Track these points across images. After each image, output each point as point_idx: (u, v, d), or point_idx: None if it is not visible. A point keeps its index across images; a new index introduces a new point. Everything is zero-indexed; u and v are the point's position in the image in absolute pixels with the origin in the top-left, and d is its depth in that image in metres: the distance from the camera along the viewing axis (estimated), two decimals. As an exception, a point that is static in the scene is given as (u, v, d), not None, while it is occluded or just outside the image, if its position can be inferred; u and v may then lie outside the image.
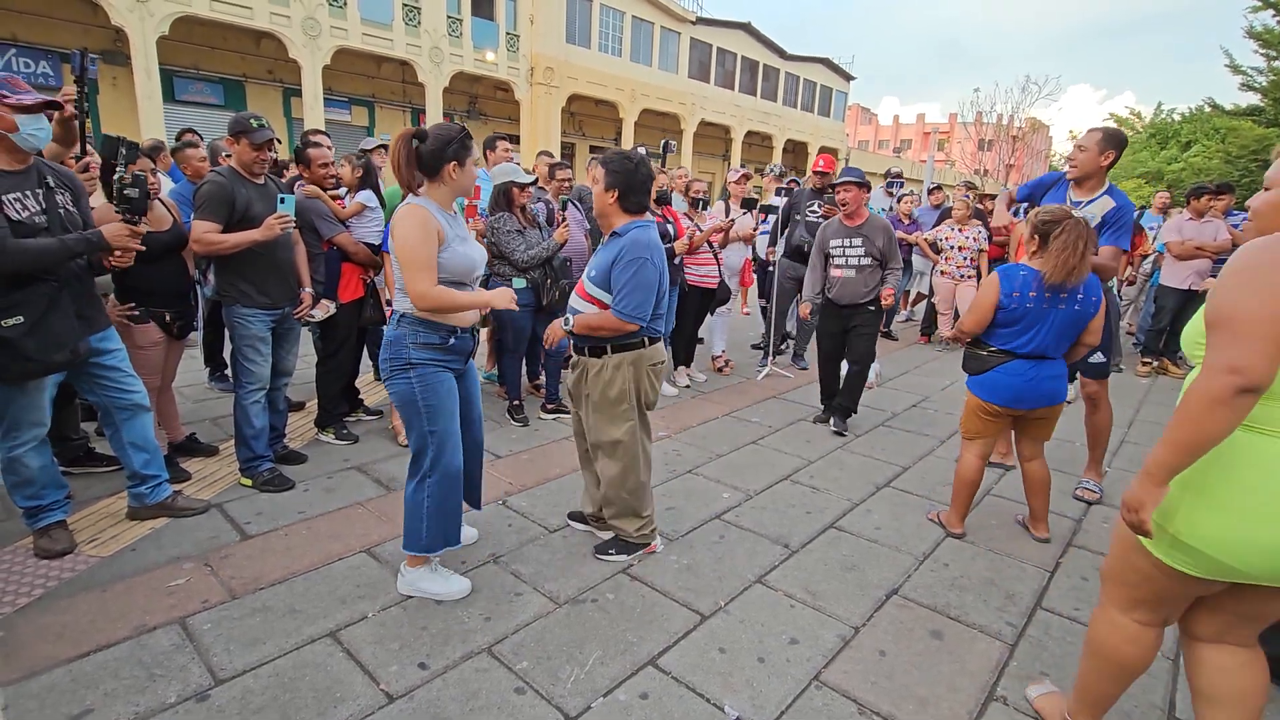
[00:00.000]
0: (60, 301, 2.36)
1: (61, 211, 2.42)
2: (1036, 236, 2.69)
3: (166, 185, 4.33)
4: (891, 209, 7.77)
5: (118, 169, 2.71)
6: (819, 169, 5.80)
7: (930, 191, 7.53)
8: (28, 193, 2.32)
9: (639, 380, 2.62)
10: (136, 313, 3.07)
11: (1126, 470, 3.97)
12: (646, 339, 2.60)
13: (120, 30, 13.62)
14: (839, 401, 4.49)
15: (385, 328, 2.41)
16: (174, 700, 1.86)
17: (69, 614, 2.21)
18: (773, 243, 5.82)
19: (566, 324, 2.61)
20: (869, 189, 4.42)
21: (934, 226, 7.26)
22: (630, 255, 2.46)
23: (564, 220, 4.26)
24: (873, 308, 4.31)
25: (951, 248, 6.74)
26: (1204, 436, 1.33)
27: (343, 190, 3.90)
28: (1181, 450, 1.36)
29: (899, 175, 8.28)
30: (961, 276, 6.80)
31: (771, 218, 5.89)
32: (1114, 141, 3.12)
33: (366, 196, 3.87)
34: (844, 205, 4.25)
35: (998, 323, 2.78)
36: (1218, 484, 1.39)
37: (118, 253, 2.62)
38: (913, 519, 3.21)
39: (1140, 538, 1.49)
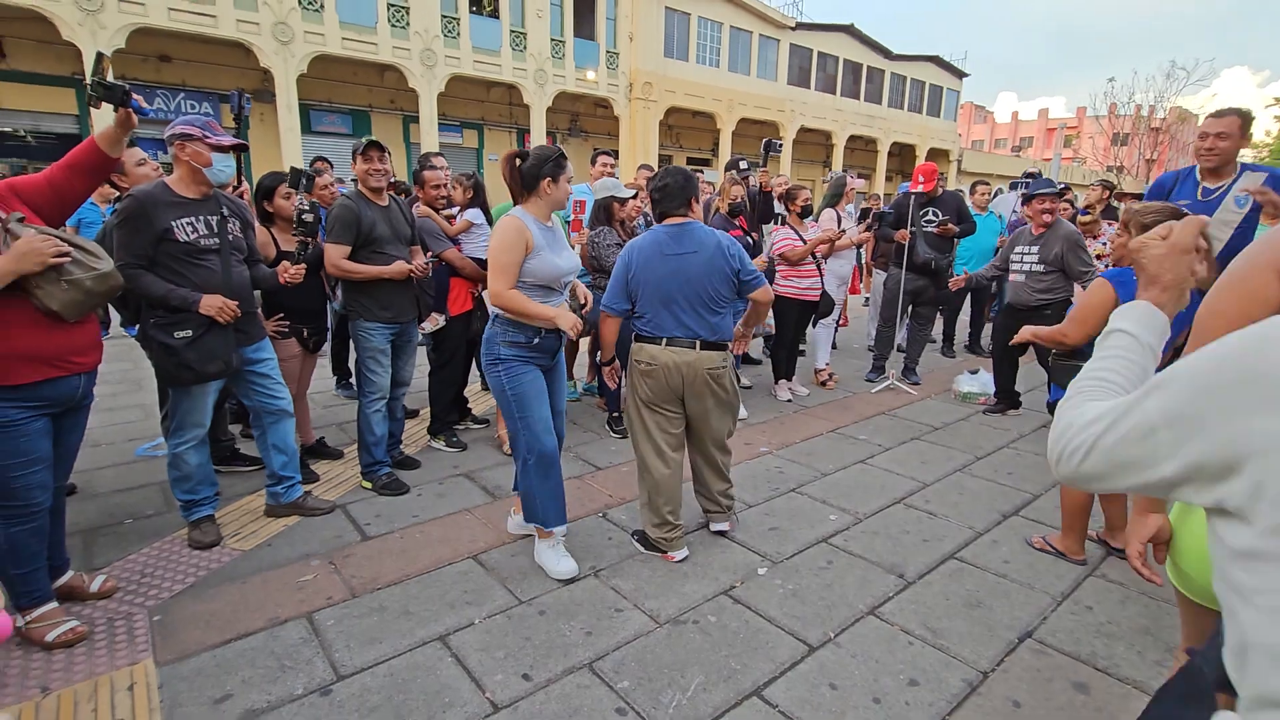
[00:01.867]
0: (220, 320, 2.64)
1: (230, 237, 2.74)
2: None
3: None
4: (1015, 211, 7.19)
5: (298, 196, 3.18)
6: (918, 187, 5.39)
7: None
8: (200, 218, 2.63)
9: (631, 376, 2.78)
10: (286, 327, 3.38)
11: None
12: (634, 335, 2.75)
13: (267, 71, 15.22)
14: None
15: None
16: (301, 692, 1.98)
17: (214, 602, 2.42)
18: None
19: (601, 361, 2.88)
20: (1061, 198, 4.85)
21: None
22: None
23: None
24: (1048, 311, 4.36)
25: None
26: None
27: (454, 209, 4.10)
28: None
29: (1036, 175, 7.64)
30: None
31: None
32: (1251, 122, 3.27)
33: (474, 214, 4.05)
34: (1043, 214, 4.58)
35: None
36: None
37: (293, 271, 3.00)
38: (1047, 554, 2.90)
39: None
